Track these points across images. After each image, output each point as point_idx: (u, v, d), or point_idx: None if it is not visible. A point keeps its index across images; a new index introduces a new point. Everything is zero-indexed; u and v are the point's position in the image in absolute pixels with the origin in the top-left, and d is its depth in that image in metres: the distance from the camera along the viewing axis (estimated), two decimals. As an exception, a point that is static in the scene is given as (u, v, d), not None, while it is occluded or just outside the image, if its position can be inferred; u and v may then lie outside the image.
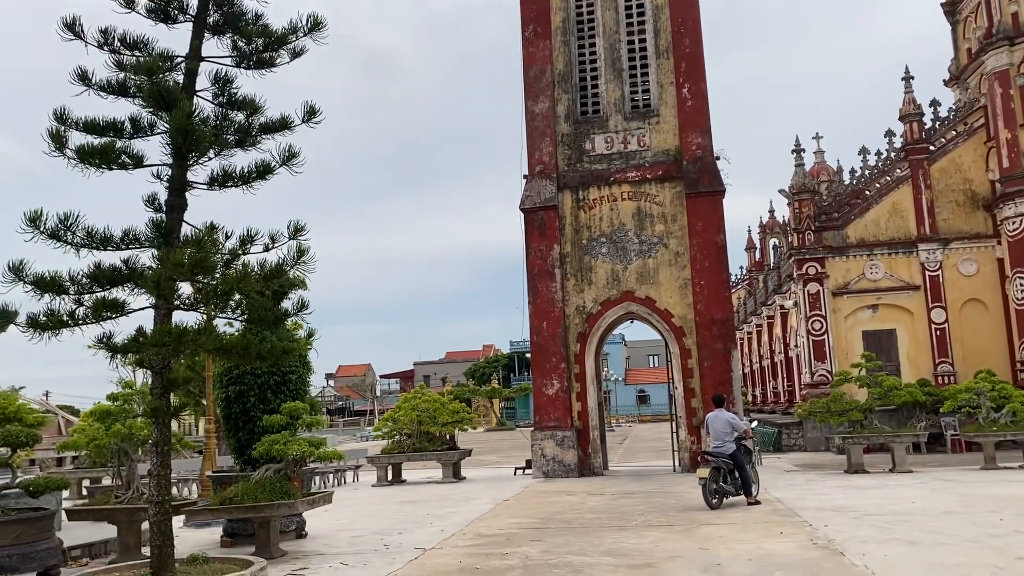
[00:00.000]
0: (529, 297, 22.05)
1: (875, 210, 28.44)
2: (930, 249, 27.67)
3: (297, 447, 11.14)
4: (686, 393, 21.02)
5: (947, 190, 28.20)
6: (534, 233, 22.19)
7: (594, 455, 21.41)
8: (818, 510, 13.00)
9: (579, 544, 10.79)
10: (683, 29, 22.11)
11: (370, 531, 12.92)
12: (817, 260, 28.09)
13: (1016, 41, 26.94)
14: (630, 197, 21.97)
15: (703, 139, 21.72)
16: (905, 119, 28.73)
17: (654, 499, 15.55)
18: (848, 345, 27.49)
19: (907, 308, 27.71)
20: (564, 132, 22.66)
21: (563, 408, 21.33)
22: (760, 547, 9.97)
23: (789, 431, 28.09)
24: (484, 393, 70.35)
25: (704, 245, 21.20)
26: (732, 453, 14.17)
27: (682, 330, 21.22)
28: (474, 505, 15.83)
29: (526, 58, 23.00)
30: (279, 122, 9.46)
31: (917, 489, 15.32)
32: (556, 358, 21.53)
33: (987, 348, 26.95)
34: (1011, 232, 26.71)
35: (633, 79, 22.55)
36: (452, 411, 22.35)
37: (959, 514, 11.98)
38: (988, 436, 19.08)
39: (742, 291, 50.83)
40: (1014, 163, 26.63)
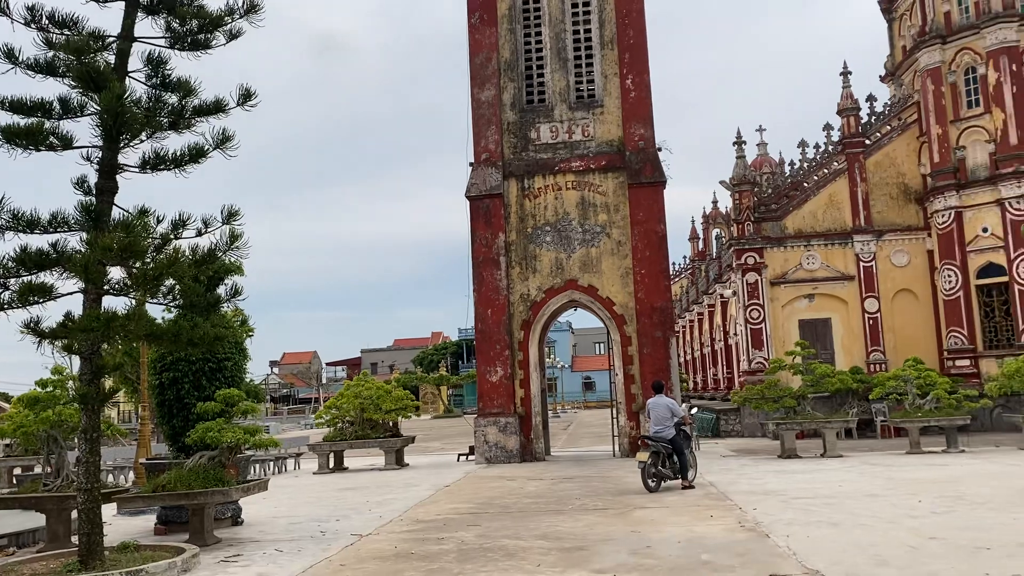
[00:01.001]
0: (474, 285, 22.12)
1: (813, 202, 29.15)
2: (864, 240, 28.48)
3: (232, 434, 11.06)
4: (626, 380, 21.35)
5: (881, 183, 29.04)
6: (479, 221, 22.25)
7: (536, 441, 21.63)
8: (749, 494, 13.36)
9: (515, 528, 10.94)
10: (627, 20, 22.31)
11: (308, 518, 12.91)
12: (756, 250, 28.70)
13: (948, 40, 27.79)
14: (574, 187, 22.15)
15: (646, 130, 21.99)
16: (842, 113, 29.47)
17: (592, 483, 15.80)
18: (785, 333, 28.18)
19: (842, 298, 28.51)
20: (510, 120, 22.72)
21: (506, 395, 21.49)
22: (690, 530, 10.24)
23: (727, 417, 28.72)
24: (432, 380, 70.31)
25: (645, 235, 21.51)
26: (672, 438, 14.47)
27: (623, 318, 21.53)
28: (414, 492, 15.90)
29: (472, 45, 22.98)
30: (213, 105, 9.37)
31: (845, 473, 15.84)
32: (500, 345, 21.67)
33: (917, 337, 27.90)
34: (941, 225, 27.64)
35: (578, 69, 22.70)
36: (396, 398, 22.33)
37: (881, 497, 12.43)
38: (914, 422, 19.79)
39: (685, 280, 51.66)
40: (944, 158, 27.54)
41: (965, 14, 27.76)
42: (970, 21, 27.47)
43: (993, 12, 26.75)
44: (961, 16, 27.84)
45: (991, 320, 26.89)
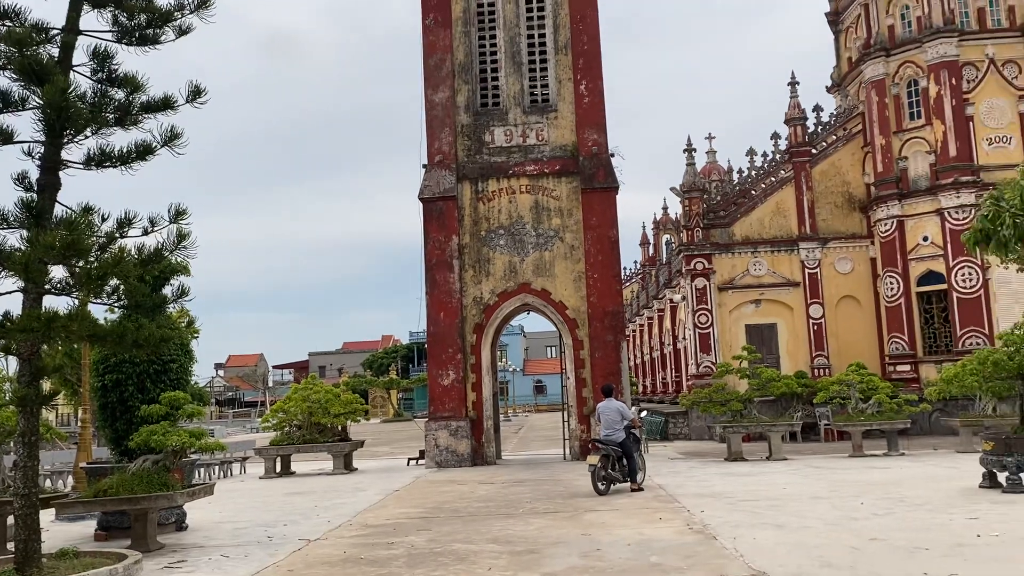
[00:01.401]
0: (427, 288, 22.04)
1: (760, 209, 29.68)
2: (810, 248, 29.09)
3: (177, 438, 10.84)
4: (577, 383, 21.46)
5: (827, 192, 29.70)
6: (433, 223, 22.17)
7: (487, 444, 21.61)
8: (697, 496, 13.53)
9: (465, 532, 10.91)
10: (581, 26, 22.47)
11: (254, 523, 12.70)
12: (705, 256, 29.11)
13: (892, 52, 28.57)
14: (528, 190, 22.22)
15: (599, 136, 22.16)
16: (790, 123, 30.08)
17: (543, 487, 15.84)
18: (732, 338, 28.63)
19: (787, 303, 29.07)
20: (464, 123, 22.70)
21: (458, 398, 21.44)
22: (639, 532, 10.32)
23: (675, 420, 29.06)
24: (381, 384, 69.76)
25: (598, 240, 21.66)
26: (622, 441, 14.61)
27: (575, 322, 21.65)
28: (363, 496, 15.75)
29: (426, 46, 22.90)
30: (162, 101, 9.18)
31: (790, 476, 16.14)
32: (452, 348, 21.60)
33: (860, 342, 28.57)
34: (883, 233, 28.37)
35: (533, 73, 22.79)
36: (345, 402, 22.11)
37: (825, 499, 12.70)
38: (856, 425, 20.26)
39: (636, 285, 52.18)
40: (887, 168, 28.28)
41: (908, 28, 28.57)
42: (912, 35, 28.28)
43: (934, 27, 27.57)
44: (904, 30, 28.64)
45: (931, 327, 27.67)
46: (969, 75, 27.49)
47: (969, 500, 11.86)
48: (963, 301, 26.52)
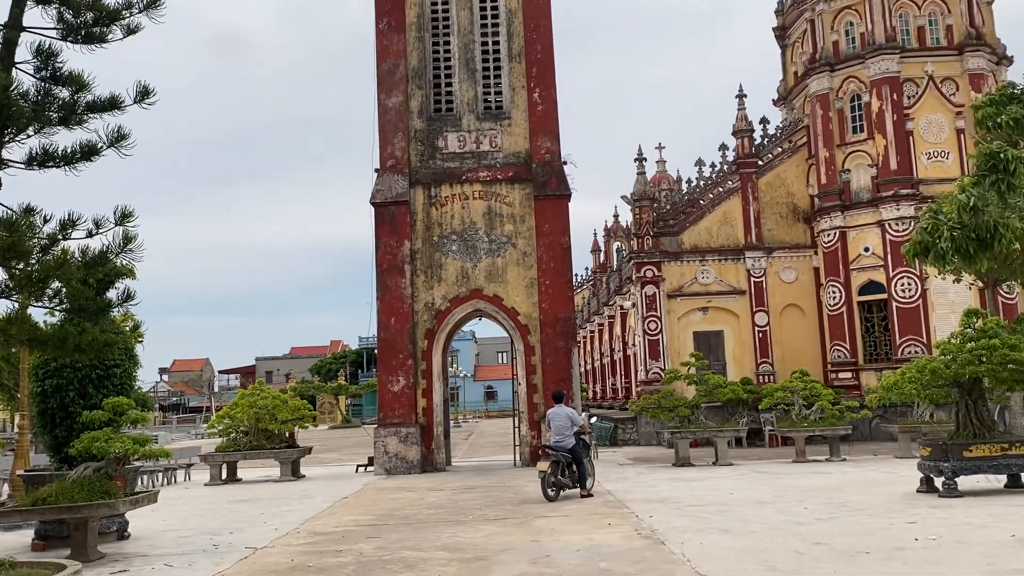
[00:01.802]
0: (378, 293, 21.89)
1: (708, 219, 30.19)
2: (756, 257, 29.66)
3: (120, 444, 10.59)
4: (529, 389, 21.52)
5: (772, 202, 30.34)
6: (385, 228, 22.06)
7: (437, 451, 21.53)
8: (645, 502, 13.68)
9: (415, 539, 10.86)
10: (535, 35, 22.60)
11: (199, 531, 12.46)
12: (654, 264, 29.49)
13: (836, 67, 29.33)
14: (481, 196, 22.24)
15: (552, 143, 22.30)
16: (737, 134, 30.67)
17: (493, 493, 15.85)
18: (681, 345, 29.03)
19: (734, 311, 29.59)
20: (417, 128, 22.64)
21: (408, 404, 21.33)
22: (588, 538, 10.40)
23: (624, 426, 29.32)
24: (330, 390, 68.99)
25: (550, 246, 21.78)
26: (571, 447, 14.67)
27: (527, 328, 21.71)
28: (311, 503, 15.57)
29: (380, 51, 22.81)
30: (108, 101, 8.98)
31: (735, 481, 16.41)
32: (403, 354, 21.49)
33: (803, 350, 29.21)
34: (826, 244, 29.07)
35: (487, 80, 22.84)
36: (292, 408, 21.82)
37: (770, 504, 12.94)
38: (799, 431, 20.69)
39: (587, 291, 52.52)
40: (831, 180, 29.00)
41: (852, 44, 29.37)
42: (856, 51, 29.07)
43: (877, 44, 28.40)
44: (848, 46, 29.43)
45: (871, 335, 28.41)
46: (909, 91, 28.35)
47: (908, 504, 12.20)
48: (902, 310, 27.30)
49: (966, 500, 12.25)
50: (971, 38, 28.58)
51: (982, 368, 13.19)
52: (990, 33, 29.59)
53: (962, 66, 28.44)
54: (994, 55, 29.15)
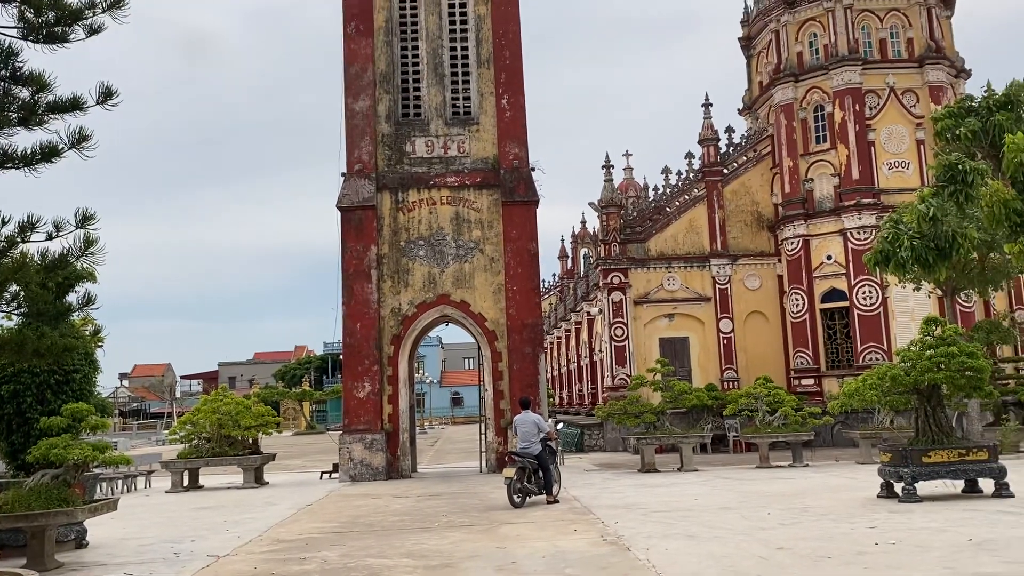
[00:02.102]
0: (344, 298, 21.74)
1: (674, 226, 30.46)
2: (721, 264, 29.98)
3: (79, 451, 10.38)
4: (495, 395, 21.50)
5: (737, 210, 30.70)
6: (351, 233, 21.92)
7: (403, 458, 21.42)
8: (611, 508, 13.72)
9: (380, 547, 10.79)
10: (504, 41, 22.65)
11: (160, 539, 12.26)
12: (621, 271, 29.66)
13: (801, 78, 29.79)
14: (449, 202, 22.20)
15: (520, 150, 22.34)
16: (703, 143, 31.00)
17: (459, 500, 15.80)
18: (647, 351, 29.22)
19: (699, 318, 29.86)
20: (385, 132, 22.56)
21: (374, 411, 21.19)
22: (554, 545, 10.40)
23: (591, 432, 29.41)
24: (294, 396, 68.31)
25: (518, 252, 21.80)
26: (538, 453, 14.66)
27: (494, 334, 21.70)
28: (275, 510, 15.39)
29: (348, 55, 22.70)
30: (70, 102, 8.84)
31: (700, 487, 16.54)
32: (369, 360, 21.36)
33: (767, 356, 29.56)
34: (790, 252, 29.47)
35: (455, 85, 22.83)
36: (256, 414, 21.57)
37: (734, 509, 13.05)
38: (763, 437, 20.91)
39: (554, 297, 52.66)
40: (794, 189, 29.42)
41: (816, 55, 29.85)
42: (819, 62, 29.55)
43: (840, 55, 28.89)
44: (812, 57, 29.91)
45: (833, 342, 28.83)
46: (871, 102, 28.88)
47: (869, 509, 12.37)
48: (863, 318, 27.75)
49: (925, 505, 12.46)
50: (931, 51, 29.20)
51: (940, 375, 13.44)
52: (949, 47, 30.26)
53: (922, 78, 29.04)
54: (953, 68, 29.81)
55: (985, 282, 22.22)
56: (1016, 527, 10.25)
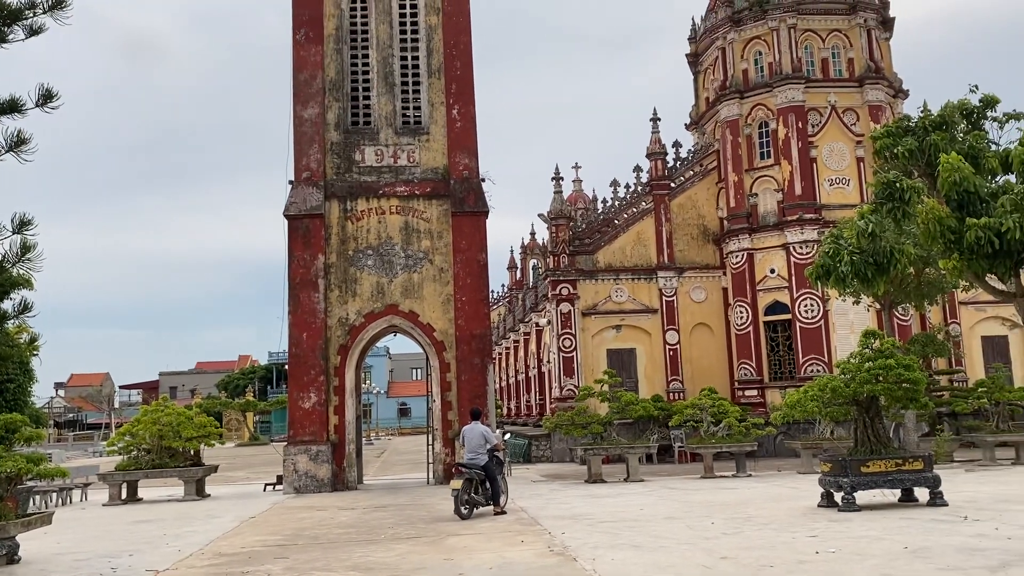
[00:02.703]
0: (290, 307, 21.47)
1: (622, 238, 30.80)
2: (667, 276, 30.39)
3: (12, 463, 10.04)
4: (443, 406, 21.41)
5: (684, 224, 31.18)
6: (298, 241, 21.68)
7: (349, 469, 21.19)
8: (558, 518, 13.76)
9: (325, 559, 10.64)
10: (455, 52, 22.69)
11: (96, 554, 11.90)
12: (570, 282, 29.86)
13: (746, 95, 30.44)
14: (398, 211, 22.11)
15: (470, 160, 22.37)
16: (651, 157, 31.44)
17: (405, 511, 15.68)
18: (594, 362, 29.43)
19: (646, 329, 30.21)
20: (334, 140, 22.39)
21: (319, 422, 20.94)
22: (501, 556, 10.39)
23: (538, 443, 29.48)
24: (237, 406, 67.00)
25: (467, 263, 21.79)
26: (485, 464, 14.63)
27: (443, 344, 21.63)
28: (216, 523, 15.08)
29: (297, 61, 22.51)
30: (8, 104, 8.60)
31: (646, 497, 16.69)
32: (315, 370, 21.11)
33: (712, 368, 30.02)
34: (734, 265, 30.01)
35: (405, 95, 22.78)
36: (198, 425, 21.13)
37: (679, 519, 13.20)
38: (708, 448, 21.20)
39: (503, 308, 52.72)
40: (739, 203, 29.99)
41: (761, 73, 30.53)
42: (764, 80, 30.24)
43: (784, 73, 29.61)
44: (757, 75, 30.59)
45: (776, 354, 29.42)
46: (814, 120, 29.64)
47: (810, 519, 12.63)
48: (805, 330, 28.37)
49: (863, 514, 12.76)
50: (871, 71, 30.09)
51: (879, 387, 13.80)
52: (888, 67, 31.23)
53: (862, 97, 29.91)
54: (891, 88, 30.76)
55: (921, 296, 22.93)
56: (950, 535, 10.56)
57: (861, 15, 30.39)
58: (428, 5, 22.99)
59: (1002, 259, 9.71)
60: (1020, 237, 9.16)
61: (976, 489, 15.76)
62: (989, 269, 9.95)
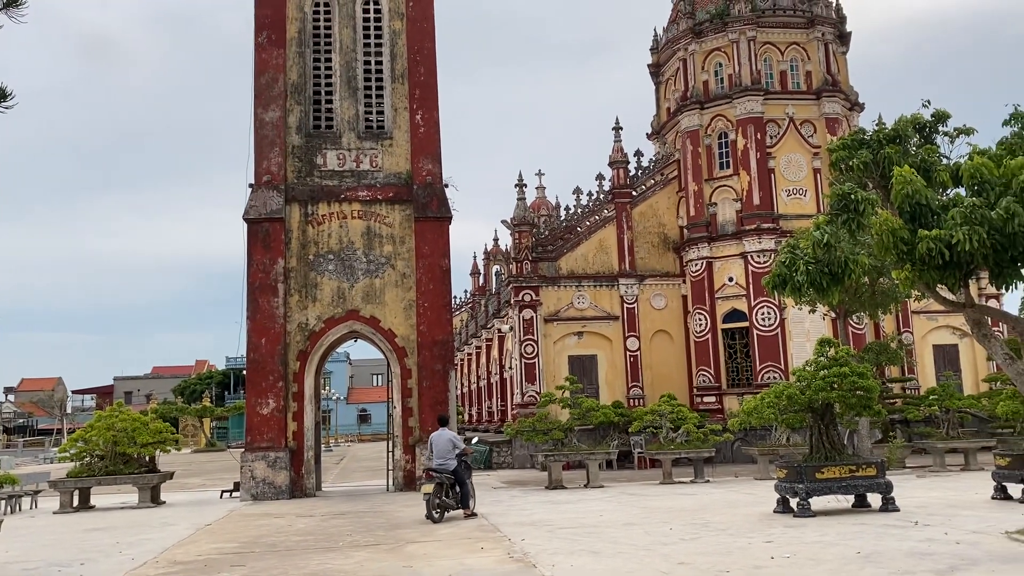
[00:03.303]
0: (249, 312, 21.21)
1: (585, 245, 30.98)
2: (629, 284, 30.63)
3: (-42, 471, 9.77)
4: (404, 412, 21.31)
5: (645, 232, 31.48)
6: (258, 245, 21.45)
7: (307, 476, 20.98)
8: (518, 525, 13.78)
9: (282, 567, 10.53)
10: (419, 57, 22.67)
11: (47, 562, 11.64)
12: (532, 288, 29.94)
13: (706, 105, 30.83)
14: (360, 216, 21.99)
15: (433, 166, 22.33)
16: (613, 165, 31.69)
17: (364, 519, 15.57)
18: (556, 368, 29.53)
19: (607, 336, 30.40)
20: (295, 144, 22.22)
21: (278, 428, 20.71)
22: (461, 563, 10.38)
23: (499, 449, 29.47)
24: (194, 412, 65.94)
25: (430, 268, 21.74)
26: (455, 469, 14.98)
27: (404, 350, 21.54)
28: (171, 531, 14.83)
29: (258, 64, 22.31)
30: (-42, 102, 8.39)
31: (605, 503, 16.78)
32: (274, 376, 20.88)
33: (671, 374, 30.30)
34: (693, 273, 30.35)
35: (368, 99, 22.70)
36: (154, 431, 20.74)
37: (638, 525, 13.30)
38: (667, 454, 21.38)
39: (465, 314, 52.67)
40: (699, 212, 30.35)
41: (721, 84, 30.96)
42: (724, 91, 30.66)
43: (743, 85, 30.05)
44: (717, 86, 31.01)
45: (734, 361, 29.77)
46: (772, 131, 30.11)
47: (766, 524, 12.80)
48: (762, 338, 28.77)
49: (818, 520, 12.98)
50: (828, 84, 30.68)
51: (833, 394, 14.07)
52: (844, 81, 31.85)
53: (819, 110, 30.47)
54: (848, 101, 31.38)
55: (875, 306, 23.40)
56: (901, 540, 10.79)
57: (819, 29, 30.98)
58: (392, 10, 22.95)
59: (952, 270, 9.97)
60: (969, 249, 9.40)
61: (927, 495, 16.12)
62: (940, 280, 10.20)
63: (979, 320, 11.19)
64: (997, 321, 16.06)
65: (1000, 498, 14.71)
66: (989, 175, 9.98)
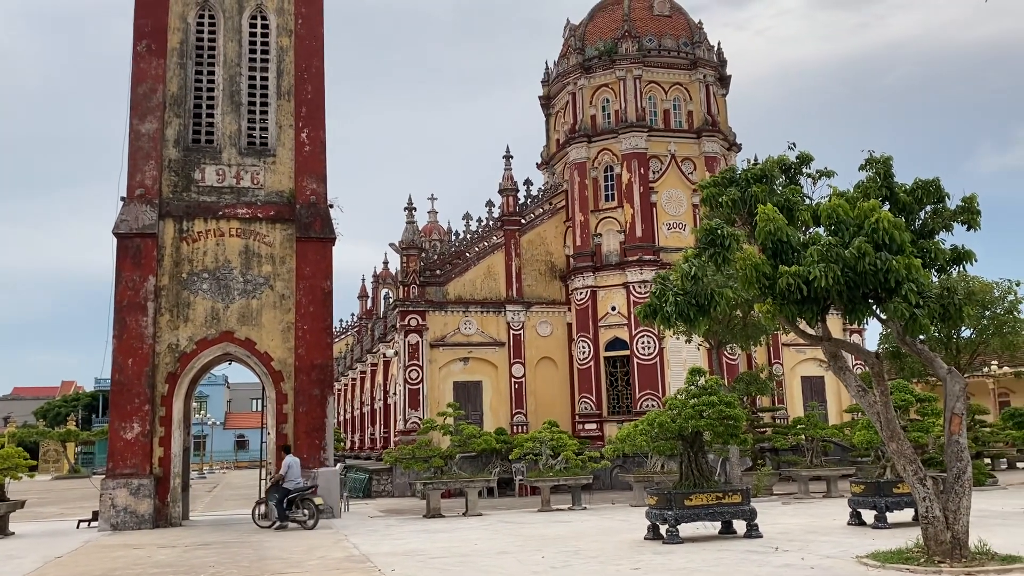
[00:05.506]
0: (115, 331, 20.16)
1: (473, 271, 31.06)
2: (516, 310, 30.85)
3: None
4: (279, 439, 20.62)
5: (533, 260, 31.85)
6: (127, 261, 20.46)
7: (173, 504, 19.97)
8: (390, 555, 13.50)
9: (133, 603, 9.92)
10: (306, 75, 22.30)
11: None
12: (419, 313, 29.74)
13: (593, 139, 31.60)
14: (239, 234, 21.32)
15: (318, 185, 21.92)
16: (503, 193, 32.00)
17: (230, 550, 14.92)
18: (441, 394, 29.34)
19: (493, 362, 30.47)
20: (172, 157, 21.39)
21: (142, 454, 19.67)
22: (326, 595, 10.05)
23: (379, 477, 28.93)
24: (56, 436, 62.02)
25: (311, 290, 21.25)
26: (307, 487, 18.13)
27: (281, 374, 20.90)
28: (16, 564, 13.79)
29: (136, 74, 21.44)
30: None
31: (482, 531, 16.67)
32: (140, 399, 19.86)
33: (555, 402, 30.61)
34: (578, 301, 30.86)
35: (252, 115, 22.13)
36: (4, 456, 19.34)
37: (511, 554, 13.25)
38: (545, 481, 21.49)
39: (351, 338, 51.78)
40: (585, 242, 30.95)
41: (607, 119, 31.82)
42: (610, 126, 31.52)
43: (628, 121, 30.98)
44: (604, 121, 31.85)
45: (615, 388, 30.35)
46: (655, 167, 31.11)
47: (635, 551, 12.99)
48: (642, 366, 29.46)
49: (686, 546, 13.27)
50: (707, 125, 31.99)
51: (702, 422, 14.48)
52: (724, 121, 33.30)
53: (699, 148, 31.71)
54: (726, 141, 32.80)
55: (747, 337, 24.35)
56: (760, 565, 11.14)
57: (701, 71, 32.31)
58: (280, 26, 22.53)
59: (810, 305, 10.46)
60: (825, 285, 9.89)
61: (789, 521, 16.75)
62: (799, 314, 10.67)
63: (835, 353, 11.77)
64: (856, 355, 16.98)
65: (855, 524, 15.45)
66: (845, 216, 10.57)
